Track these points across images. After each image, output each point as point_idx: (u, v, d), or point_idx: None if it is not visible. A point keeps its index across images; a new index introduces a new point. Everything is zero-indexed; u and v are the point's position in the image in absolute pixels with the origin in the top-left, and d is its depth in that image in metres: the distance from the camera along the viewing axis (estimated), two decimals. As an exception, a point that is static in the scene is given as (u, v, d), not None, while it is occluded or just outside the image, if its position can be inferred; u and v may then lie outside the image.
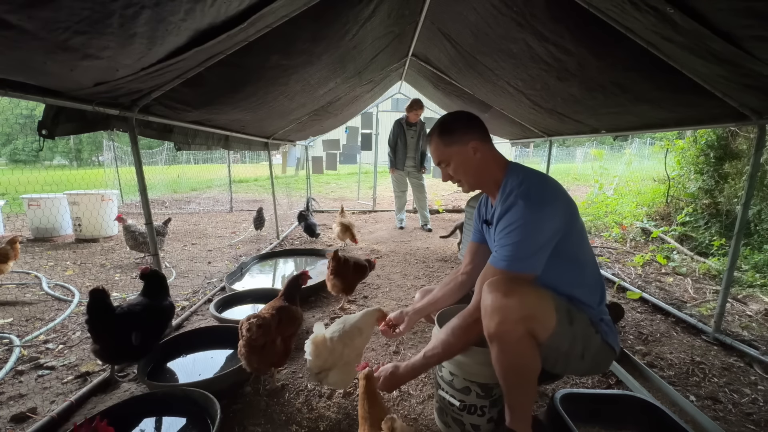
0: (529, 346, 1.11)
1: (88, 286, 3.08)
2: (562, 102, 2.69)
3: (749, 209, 2.37)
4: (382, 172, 6.76)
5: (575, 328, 1.19)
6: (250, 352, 1.55)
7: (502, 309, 1.10)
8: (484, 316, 1.15)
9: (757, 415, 1.61)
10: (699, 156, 4.54)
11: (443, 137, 1.34)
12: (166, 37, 1.23)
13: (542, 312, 1.13)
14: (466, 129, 1.32)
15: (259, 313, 1.65)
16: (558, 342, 1.16)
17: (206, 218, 6.54)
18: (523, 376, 1.14)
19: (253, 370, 1.60)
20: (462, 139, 1.31)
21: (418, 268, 3.62)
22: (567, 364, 1.25)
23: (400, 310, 1.65)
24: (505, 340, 1.11)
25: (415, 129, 5.19)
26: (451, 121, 1.36)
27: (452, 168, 1.36)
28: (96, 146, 23.96)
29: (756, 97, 1.70)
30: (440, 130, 1.35)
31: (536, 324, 1.11)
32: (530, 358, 1.12)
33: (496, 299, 1.11)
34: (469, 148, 1.31)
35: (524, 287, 1.15)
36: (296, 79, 2.47)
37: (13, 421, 1.50)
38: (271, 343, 1.57)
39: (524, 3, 1.75)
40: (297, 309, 1.79)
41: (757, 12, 1.05)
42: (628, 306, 2.70)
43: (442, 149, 1.35)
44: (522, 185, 1.23)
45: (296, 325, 1.76)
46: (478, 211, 1.56)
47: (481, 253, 1.58)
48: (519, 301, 1.10)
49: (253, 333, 1.54)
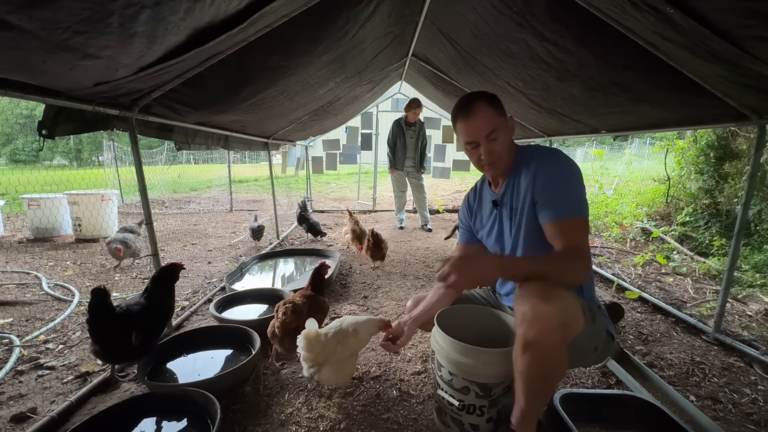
0: (563, 353, 1.07)
1: (88, 286, 3.08)
2: (562, 102, 2.69)
3: (749, 209, 2.36)
4: (382, 172, 6.76)
5: (596, 325, 1.20)
6: (284, 333, 1.74)
7: (543, 317, 1.04)
8: (523, 322, 1.07)
9: (757, 415, 1.61)
10: (699, 156, 4.54)
11: (494, 107, 1.27)
12: (166, 36, 1.23)
13: (574, 316, 1.10)
14: (503, 106, 1.33)
15: (292, 299, 1.84)
16: (581, 341, 1.15)
17: (206, 218, 6.54)
18: (549, 383, 1.11)
19: (284, 350, 1.78)
20: (505, 113, 1.31)
21: (418, 268, 3.62)
22: (579, 360, 1.26)
23: (397, 321, 1.60)
24: (543, 347, 1.05)
25: (414, 129, 5.18)
26: (493, 95, 1.31)
27: (500, 141, 1.27)
28: (96, 146, 23.95)
29: (756, 97, 1.70)
30: (489, 100, 1.28)
31: (569, 329, 1.08)
32: (561, 366, 1.09)
33: (536, 305, 1.06)
34: (511, 124, 1.32)
35: (560, 291, 1.10)
36: (296, 79, 2.47)
37: (13, 421, 1.50)
38: (301, 327, 1.66)
39: (524, 3, 1.75)
40: (324, 299, 1.97)
41: (757, 12, 1.05)
42: (628, 306, 2.70)
43: (496, 118, 1.27)
44: (539, 150, 1.30)
45: (323, 314, 1.94)
46: (467, 205, 1.55)
47: (470, 253, 1.58)
48: (558, 308, 1.05)
49: (287, 316, 1.73)
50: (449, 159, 7.03)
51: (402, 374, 1.84)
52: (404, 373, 1.85)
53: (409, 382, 1.78)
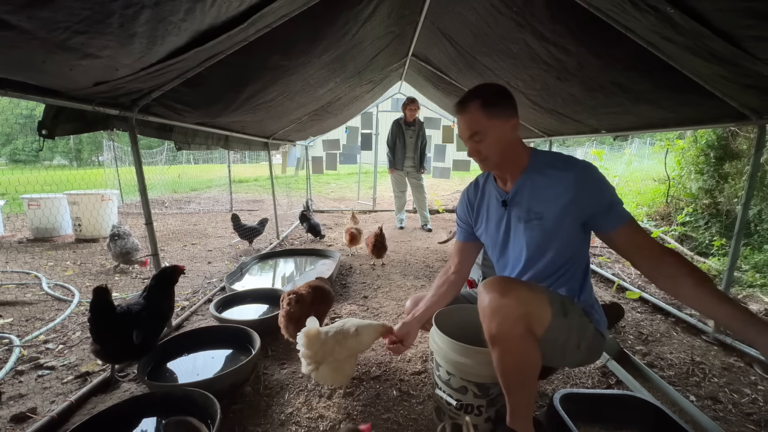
0: (530, 343, 1.11)
1: (88, 286, 3.09)
2: (562, 102, 2.69)
3: (749, 209, 2.37)
4: (382, 172, 6.76)
5: (570, 319, 1.20)
6: (288, 322, 1.80)
7: (501, 309, 1.10)
8: (484, 318, 1.14)
9: (757, 415, 1.61)
10: (699, 156, 4.54)
11: (487, 109, 1.22)
12: (166, 37, 1.23)
13: (537, 307, 1.13)
14: (510, 104, 1.25)
15: (297, 290, 1.88)
16: (555, 335, 1.17)
17: (206, 218, 6.54)
18: (525, 375, 1.14)
19: (291, 338, 1.83)
20: (505, 114, 1.23)
21: (418, 268, 3.62)
22: (564, 356, 1.26)
23: (402, 322, 1.59)
24: (507, 339, 1.10)
25: (413, 129, 5.18)
26: (496, 93, 1.25)
27: (486, 143, 1.24)
28: (96, 146, 23.97)
29: (756, 97, 1.70)
30: (484, 100, 1.22)
31: (533, 320, 1.11)
32: (532, 355, 1.12)
33: (494, 300, 1.11)
34: (509, 126, 1.24)
35: (518, 284, 1.16)
36: (296, 79, 2.47)
37: (13, 421, 1.50)
38: (305, 316, 1.70)
39: (524, 3, 1.75)
40: (329, 290, 2.02)
41: (757, 12, 1.05)
42: (628, 306, 2.70)
43: (483, 121, 1.22)
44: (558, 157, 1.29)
45: (328, 304, 1.99)
46: (467, 202, 1.52)
47: (468, 251, 1.58)
48: (516, 299, 1.10)
49: (291, 306, 1.78)
50: (449, 159, 7.04)
51: (402, 374, 1.84)
52: (404, 373, 1.85)
53: (409, 382, 1.78)
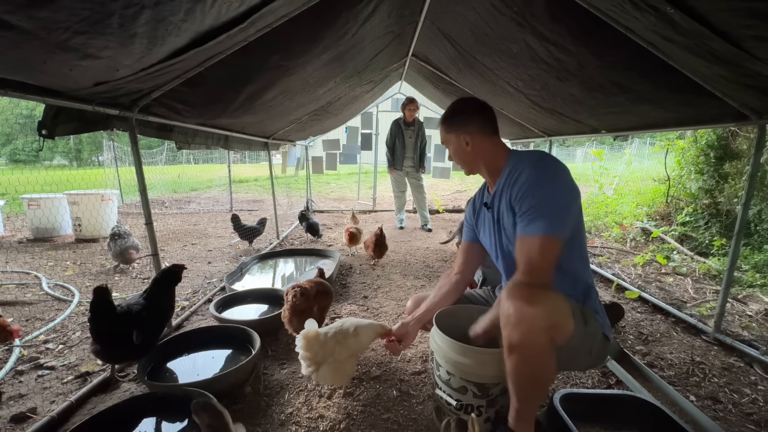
0: (551, 355, 1.07)
1: (88, 286, 3.09)
2: (562, 102, 2.69)
3: (749, 209, 2.37)
4: (382, 172, 6.75)
5: (589, 328, 1.20)
6: (293, 315, 1.86)
7: (528, 319, 1.04)
8: (506, 325, 1.08)
9: (757, 415, 1.61)
10: (699, 156, 4.54)
11: (444, 123, 1.43)
12: (167, 37, 1.23)
13: (562, 318, 1.09)
14: (463, 122, 1.37)
15: (301, 284, 1.96)
16: (573, 343, 1.14)
17: (206, 218, 6.54)
18: (540, 384, 1.12)
19: (294, 332, 1.87)
20: (457, 130, 1.38)
21: (418, 268, 3.62)
22: (575, 362, 1.26)
23: (401, 322, 1.60)
24: (529, 349, 1.06)
25: (413, 129, 5.17)
26: (454, 109, 1.41)
27: (451, 153, 1.44)
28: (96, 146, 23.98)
29: (756, 97, 1.70)
30: (444, 115, 1.43)
31: (557, 331, 1.07)
32: (550, 367, 1.09)
33: (519, 308, 1.05)
34: (462, 140, 1.37)
35: (545, 293, 1.10)
36: (296, 78, 2.47)
37: (13, 421, 1.50)
38: (309, 309, 1.84)
39: (524, 3, 1.75)
40: (330, 286, 2.11)
41: (757, 12, 1.05)
42: (628, 306, 2.70)
43: (443, 134, 1.44)
44: (527, 159, 1.27)
45: (329, 299, 2.08)
46: (473, 205, 1.57)
47: (474, 252, 1.60)
48: (544, 310, 1.05)
49: (297, 299, 1.84)
50: (449, 159, 7.03)
51: (402, 374, 1.84)
52: (404, 374, 1.85)
53: (409, 382, 1.78)
